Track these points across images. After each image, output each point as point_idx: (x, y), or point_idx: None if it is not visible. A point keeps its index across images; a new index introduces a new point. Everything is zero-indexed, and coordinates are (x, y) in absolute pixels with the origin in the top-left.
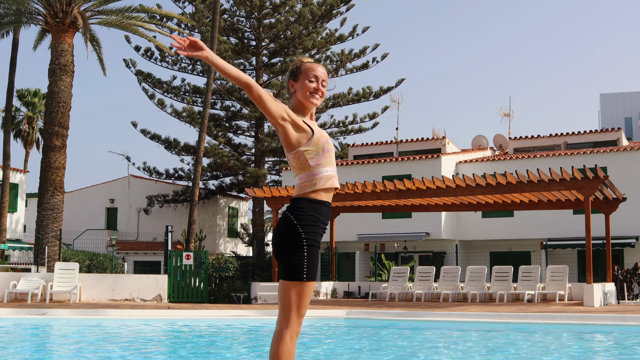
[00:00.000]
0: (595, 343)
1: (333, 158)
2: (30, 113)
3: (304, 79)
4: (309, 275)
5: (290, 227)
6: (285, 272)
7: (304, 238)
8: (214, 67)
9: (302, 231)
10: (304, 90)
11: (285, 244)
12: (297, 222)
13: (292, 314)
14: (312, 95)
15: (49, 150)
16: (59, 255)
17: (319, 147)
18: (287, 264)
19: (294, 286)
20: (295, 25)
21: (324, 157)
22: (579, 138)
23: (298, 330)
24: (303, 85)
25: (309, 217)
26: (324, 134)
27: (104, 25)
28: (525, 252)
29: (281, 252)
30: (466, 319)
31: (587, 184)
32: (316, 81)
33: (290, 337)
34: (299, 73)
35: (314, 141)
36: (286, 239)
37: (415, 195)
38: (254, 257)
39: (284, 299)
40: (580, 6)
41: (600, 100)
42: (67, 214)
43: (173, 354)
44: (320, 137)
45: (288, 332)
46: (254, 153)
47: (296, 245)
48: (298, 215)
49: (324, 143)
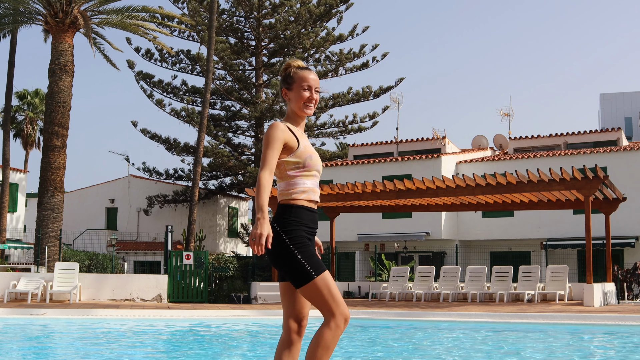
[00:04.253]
0: (595, 343)
1: (314, 173)
2: (31, 113)
3: (298, 88)
4: (315, 270)
5: (275, 235)
6: (293, 279)
7: (289, 242)
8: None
9: (286, 237)
10: (298, 101)
11: (274, 252)
12: (280, 229)
13: (329, 305)
14: (306, 105)
15: (49, 150)
16: (59, 255)
17: (300, 161)
18: (288, 271)
19: (310, 287)
20: (295, 24)
21: (304, 170)
22: (579, 138)
23: (345, 313)
24: (297, 95)
25: (290, 222)
26: (309, 149)
27: (104, 25)
28: (525, 252)
29: (276, 261)
30: (466, 319)
31: (587, 184)
32: (309, 90)
33: (336, 323)
34: (292, 82)
35: (297, 154)
36: (274, 247)
37: (415, 195)
38: (254, 257)
39: (313, 299)
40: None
41: (600, 100)
42: (67, 214)
43: (173, 354)
44: (304, 152)
45: (334, 320)
46: (254, 153)
47: (285, 252)
48: (279, 221)
49: (306, 158)
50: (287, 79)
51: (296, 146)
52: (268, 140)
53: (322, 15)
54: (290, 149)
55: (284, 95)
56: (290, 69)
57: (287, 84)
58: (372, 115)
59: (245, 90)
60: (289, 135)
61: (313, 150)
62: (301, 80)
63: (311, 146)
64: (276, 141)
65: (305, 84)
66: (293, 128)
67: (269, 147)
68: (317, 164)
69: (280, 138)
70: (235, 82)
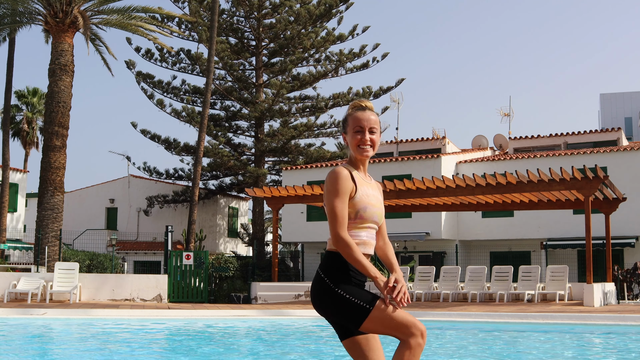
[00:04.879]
0: (595, 343)
1: (370, 225)
2: (30, 113)
3: (351, 131)
4: (368, 302)
5: (320, 281)
6: (351, 321)
7: (332, 285)
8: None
9: (331, 283)
10: (352, 145)
11: (322, 301)
12: (325, 275)
13: (399, 327)
14: (360, 148)
15: (49, 150)
16: (59, 255)
17: (353, 211)
18: (342, 316)
19: (371, 320)
20: (295, 25)
21: (354, 222)
22: (579, 138)
23: (419, 327)
24: (351, 138)
25: (336, 269)
26: (366, 200)
27: (104, 25)
28: (525, 252)
29: (326, 310)
30: (466, 319)
31: (587, 184)
32: (362, 132)
33: (416, 342)
34: (346, 125)
35: (352, 203)
36: (320, 297)
37: (415, 195)
38: (254, 257)
39: (381, 330)
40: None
41: (600, 100)
42: (67, 214)
43: (173, 353)
44: (359, 202)
45: (412, 338)
46: (254, 153)
47: (332, 296)
48: (326, 270)
49: (359, 209)
50: (343, 123)
51: (352, 195)
52: (335, 190)
53: (322, 15)
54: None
55: (344, 140)
56: (347, 112)
57: (344, 127)
58: None
59: (245, 90)
60: (352, 184)
61: (370, 200)
62: (353, 122)
63: (371, 195)
64: (344, 193)
65: (357, 126)
66: (355, 174)
67: (338, 198)
68: (373, 215)
69: (348, 188)
70: (235, 82)
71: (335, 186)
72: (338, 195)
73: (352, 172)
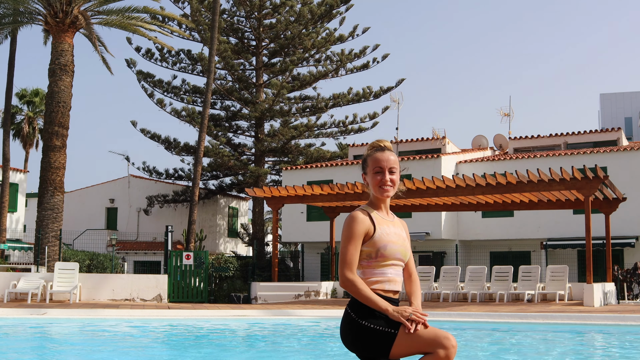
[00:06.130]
0: (595, 343)
1: (392, 262)
2: (31, 113)
3: (371, 172)
4: (393, 327)
5: (346, 317)
6: (379, 350)
7: (356, 318)
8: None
9: (357, 317)
10: (373, 186)
11: (350, 336)
12: (351, 310)
13: (428, 342)
14: (381, 189)
15: (49, 150)
16: (59, 255)
17: (372, 250)
18: (370, 347)
19: (399, 343)
20: (295, 25)
21: (376, 260)
22: (579, 138)
23: (448, 337)
24: (371, 179)
25: (360, 304)
26: (386, 238)
27: (104, 25)
28: (525, 252)
29: (354, 344)
30: (466, 319)
31: (587, 184)
32: (382, 173)
33: (445, 353)
34: (366, 166)
35: (370, 243)
36: (347, 330)
37: (415, 195)
38: (254, 257)
39: (412, 351)
40: (581, 7)
41: (600, 100)
42: (67, 214)
43: (173, 354)
44: (379, 241)
45: (443, 350)
46: (254, 153)
47: (358, 330)
48: (351, 305)
49: (379, 247)
50: (363, 163)
51: (371, 235)
52: (348, 235)
53: (323, 16)
54: (365, 238)
55: (364, 180)
56: (366, 153)
57: (363, 168)
58: (372, 116)
59: (245, 90)
60: (368, 225)
61: (391, 238)
62: (373, 163)
63: (391, 234)
64: (357, 237)
65: (377, 167)
66: (374, 214)
67: (350, 243)
68: (395, 252)
69: (361, 232)
70: (235, 82)
71: (350, 230)
72: (350, 239)
73: (370, 213)
